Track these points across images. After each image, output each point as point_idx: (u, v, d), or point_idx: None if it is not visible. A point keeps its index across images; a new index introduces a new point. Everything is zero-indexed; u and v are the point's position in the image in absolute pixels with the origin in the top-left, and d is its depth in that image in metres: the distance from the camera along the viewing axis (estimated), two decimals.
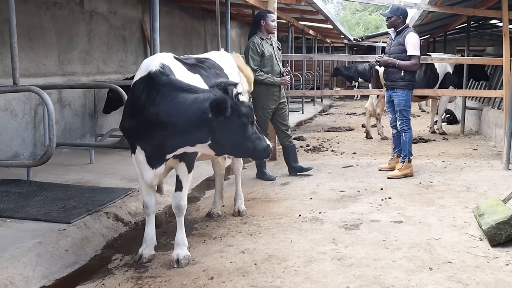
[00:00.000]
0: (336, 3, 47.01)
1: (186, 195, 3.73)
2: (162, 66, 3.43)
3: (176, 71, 3.56)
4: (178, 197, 3.68)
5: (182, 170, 3.64)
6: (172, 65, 3.57)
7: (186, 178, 3.68)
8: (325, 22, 14.68)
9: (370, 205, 4.97)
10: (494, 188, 5.43)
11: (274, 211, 4.86)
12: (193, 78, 3.78)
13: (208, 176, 6.51)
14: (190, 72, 3.83)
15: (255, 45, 6.02)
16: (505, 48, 7.19)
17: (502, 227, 3.77)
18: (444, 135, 9.64)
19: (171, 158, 3.52)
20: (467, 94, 9.46)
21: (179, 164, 3.61)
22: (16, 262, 3.47)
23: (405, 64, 6.13)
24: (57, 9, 7.70)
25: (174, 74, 3.46)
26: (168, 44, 10.27)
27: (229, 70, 4.41)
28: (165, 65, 3.47)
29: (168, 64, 3.52)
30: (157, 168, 3.47)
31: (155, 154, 3.44)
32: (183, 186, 3.67)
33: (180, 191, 3.67)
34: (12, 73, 4.11)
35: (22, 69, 5.99)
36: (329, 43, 23.24)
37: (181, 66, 3.77)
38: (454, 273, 3.34)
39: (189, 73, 3.80)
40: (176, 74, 3.51)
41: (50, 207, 4.64)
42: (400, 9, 6.23)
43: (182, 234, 3.72)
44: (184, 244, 3.70)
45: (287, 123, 6.49)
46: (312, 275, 3.36)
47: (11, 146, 6.75)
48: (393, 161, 6.53)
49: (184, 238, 3.72)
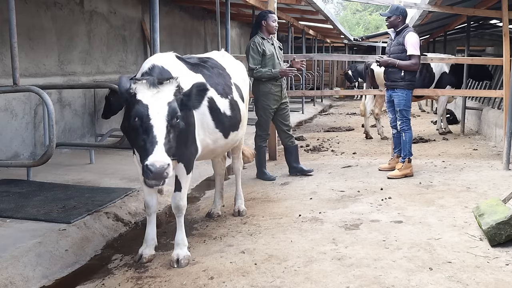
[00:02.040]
0: (336, 3, 46.99)
1: (186, 195, 3.72)
2: (151, 67, 3.46)
3: (176, 70, 3.56)
4: (177, 197, 3.67)
5: (181, 171, 3.63)
6: (170, 65, 3.58)
7: (185, 178, 3.67)
8: (325, 22, 14.69)
9: (370, 205, 4.96)
10: (494, 188, 5.43)
11: (274, 211, 4.86)
12: (195, 78, 3.79)
13: (208, 176, 6.51)
14: (192, 71, 3.83)
15: (255, 45, 6.03)
16: (505, 48, 7.19)
17: (502, 227, 3.77)
18: (445, 134, 9.65)
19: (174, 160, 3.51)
20: (467, 94, 9.47)
21: (177, 165, 3.60)
22: (16, 262, 3.46)
23: (405, 64, 6.13)
24: (57, 9, 7.70)
25: (171, 74, 3.45)
26: (168, 44, 10.26)
27: (231, 70, 4.42)
28: (156, 65, 3.48)
29: (162, 64, 3.52)
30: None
31: None
32: (182, 186, 3.66)
33: (179, 191, 3.66)
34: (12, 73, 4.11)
35: (22, 69, 5.99)
36: (329, 43, 23.23)
37: (182, 65, 3.78)
38: (454, 273, 3.34)
39: (191, 73, 3.80)
40: (176, 74, 3.50)
41: (50, 207, 4.64)
42: (400, 8, 6.24)
43: (182, 234, 3.72)
44: (184, 244, 3.70)
45: (289, 123, 6.48)
46: (312, 275, 3.36)
47: (11, 146, 6.75)
48: (393, 161, 6.53)
49: (184, 238, 3.72)
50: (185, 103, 3.21)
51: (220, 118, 3.94)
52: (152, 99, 3.05)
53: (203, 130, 3.79)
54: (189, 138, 3.60)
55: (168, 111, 3.04)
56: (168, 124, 3.02)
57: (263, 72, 6.03)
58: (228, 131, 4.07)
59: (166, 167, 2.88)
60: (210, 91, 3.80)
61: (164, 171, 2.88)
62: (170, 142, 3.03)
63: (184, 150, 3.56)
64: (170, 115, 3.04)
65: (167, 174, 2.90)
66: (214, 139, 3.94)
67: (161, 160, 2.88)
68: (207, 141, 3.87)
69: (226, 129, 4.03)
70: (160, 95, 3.07)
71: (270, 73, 6.05)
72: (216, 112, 3.89)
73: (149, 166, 2.87)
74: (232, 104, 4.11)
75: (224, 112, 3.99)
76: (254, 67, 6.01)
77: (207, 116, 3.81)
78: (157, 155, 2.90)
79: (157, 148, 2.93)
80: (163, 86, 3.11)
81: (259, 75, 6.04)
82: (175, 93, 3.14)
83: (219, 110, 3.93)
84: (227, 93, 4.09)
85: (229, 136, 4.12)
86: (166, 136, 2.99)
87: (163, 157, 2.90)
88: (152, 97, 3.06)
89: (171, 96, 3.10)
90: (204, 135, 3.81)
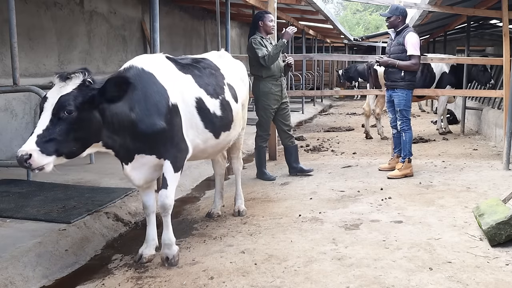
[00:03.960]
0: (336, 3, 47.00)
1: (173, 193, 3.64)
2: (127, 68, 3.54)
3: (161, 71, 3.62)
4: (163, 195, 3.60)
5: (167, 168, 3.60)
6: (154, 66, 3.62)
7: (172, 176, 3.60)
8: (325, 22, 14.69)
9: (370, 205, 4.96)
10: (494, 188, 5.43)
11: (274, 211, 4.86)
12: (183, 78, 3.83)
13: (208, 176, 6.51)
14: (181, 72, 3.87)
15: (257, 39, 6.02)
16: (505, 48, 7.19)
17: (502, 227, 3.77)
18: (445, 134, 9.65)
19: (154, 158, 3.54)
20: (467, 94, 9.47)
21: (163, 162, 3.59)
22: (16, 262, 3.46)
23: (405, 64, 6.13)
24: (57, 9, 7.70)
25: (154, 75, 3.54)
26: (168, 44, 10.28)
27: (227, 70, 4.41)
28: (134, 66, 3.53)
29: (143, 66, 3.55)
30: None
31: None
32: (168, 184, 3.60)
33: (165, 189, 3.60)
34: (12, 73, 4.13)
35: (22, 69, 5.99)
36: (329, 43, 23.23)
37: (171, 66, 3.82)
38: (454, 273, 3.34)
39: (179, 73, 3.84)
40: (161, 74, 3.59)
41: (50, 207, 4.64)
42: (399, 8, 6.24)
43: (169, 234, 3.68)
44: (171, 243, 3.67)
45: (289, 123, 6.48)
46: (312, 275, 3.36)
47: (11, 146, 6.75)
48: (393, 161, 6.54)
49: (170, 237, 3.67)
50: (101, 97, 3.17)
51: (210, 119, 3.94)
52: (52, 93, 3.10)
53: (192, 130, 3.79)
54: (174, 136, 3.60)
55: (56, 103, 3.04)
56: (53, 117, 3.03)
57: (271, 52, 5.95)
58: (219, 132, 4.07)
59: (26, 157, 2.91)
60: (199, 91, 3.89)
61: (24, 160, 2.91)
62: (54, 135, 3.01)
63: (169, 148, 3.57)
64: (57, 108, 3.03)
65: (29, 164, 2.93)
66: (204, 139, 3.94)
67: (23, 149, 2.93)
68: (197, 141, 3.87)
69: (216, 129, 4.03)
70: (62, 89, 3.09)
71: (275, 47, 5.99)
72: (205, 112, 3.89)
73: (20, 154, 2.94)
74: (223, 105, 4.10)
75: (214, 112, 3.98)
76: (264, 54, 5.95)
77: (195, 117, 3.82)
78: (25, 144, 2.96)
79: (30, 138, 2.98)
80: (70, 80, 3.12)
81: (272, 57, 5.95)
82: (79, 87, 3.11)
83: (208, 111, 3.93)
84: (218, 94, 4.09)
85: (220, 136, 4.11)
86: (47, 128, 3.01)
87: (27, 146, 2.94)
88: (54, 91, 3.11)
89: (69, 90, 3.09)
90: (193, 136, 3.81)
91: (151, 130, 3.44)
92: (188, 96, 3.79)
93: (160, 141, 3.51)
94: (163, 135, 3.50)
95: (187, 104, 3.76)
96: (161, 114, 3.48)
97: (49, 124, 3.02)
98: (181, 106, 3.69)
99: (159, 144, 3.51)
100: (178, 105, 3.65)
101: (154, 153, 3.54)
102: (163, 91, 3.55)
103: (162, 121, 3.48)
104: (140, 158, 3.53)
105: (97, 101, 3.16)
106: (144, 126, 3.41)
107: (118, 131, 3.33)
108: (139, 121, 3.40)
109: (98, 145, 3.32)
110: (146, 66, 3.58)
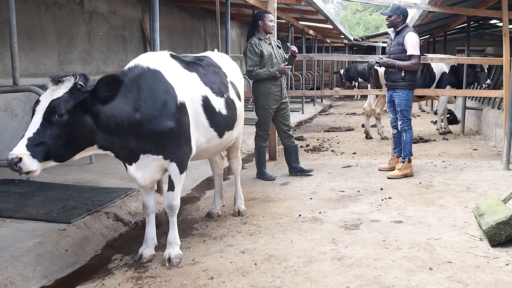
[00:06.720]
0: (336, 3, 47.01)
1: (179, 194, 3.70)
2: (132, 67, 3.48)
3: (167, 70, 3.57)
4: (170, 196, 3.66)
5: (174, 170, 3.61)
6: (160, 64, 3.57)
7: (178, 178, 3.63)
8: (325, 22, 14.69)
9: (370, 205, 4.97)
10: (494, 188, 5.43)
11: (274, 211, 4.86)
12: (189, 76, 3.79)
13: (208, 176, 6.50)
14: (187, 70, 3.83)
15: (252, 46, 6.02)
16: (505, 48, 7.19)
17: (502, 227, 3.77)
18: (445, 134, 9.66)
19: (160, 158, 3.53)
20: (467, 94, 9.47)
21: (169, 164, 3.59)
22: (16, 262, 3.46)
23: (405, 64, 6.13)
24: (57, 9, 7.70)
25: (161, 73, 3.50)
26: (168, 44, 10.26)
27: (227, 68, 4.41)
28: (139, 65, 3.48)
29: (148, 65, 3.50)
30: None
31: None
32: (175, 186, 3.64)
33: (172, 191, 3.65)
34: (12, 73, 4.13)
35: (22, 69, 6.00)
36: (329, 43, 23.24)
37: (176, 64, 3.78)
38: (454, 273, 3.34)
39: (185, 71, 3.80)
40: (168, 72, 3.55)
41: (50, 207, 4.64)
42: (401, 8, 6.25)
43: (175, 233, 3.71)
44: (176, 243, 3.70)
45: (289, 123, 6.48)
46: (312, 275, 3.36)
47: (11, 146, 6.64)
48: (393, 161, 6.54)
49: (176, 238, 3.71)
50: (93, 99, 3.14)
51: (215, 117, 3.91)
52: (44, 96, 3.08)
53: (197, 129, 3.77)
54: (182, 137, 3.58)
55: (47, 107, 3.02)
56: (44, 121, 3.01)
57: (260, 72, 6.02)
58: (223, 131, 4.05)
59: (16, 160, 2.90)
60: (204, 90, 3.85)
61: (14, 164, 2.91)
62: (44, 138, 3.00)
63: (176, 150, 3.55)
64: (48, 111, 3.01)
65: (19, 168, 2.92)
66: (208, 138, 3.92)
67: (13, 152, 2.93)
68: (201, 140, 3.85)
69: (221, 128, 4.01)
70: (54, 92, 3.08)
71: (268, 72, 6.03)
72: (210, 111, 3.87)
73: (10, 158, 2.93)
74: (227, 103, 4.08)
75: (219, 111, 3.97)
76: (252, 69, 6.00)
77: (201, 115, 3.79)
78: (15, 147, 2.96)
79: (20, 141, 2.98)
80: (61, 84, 3.10)
81: (257, 77, 6.04)
82: (70, 90, 3.09)
83: (214, 109, 3.90)
84: (223, 92, 4.07)
85: (224, 135, 4.10)
86: (38, 131, 3.00)
87: (17, 149, 2.94)
88: (47, 94, 3.09)
89: (60, 94, 3.06)
90: (198, 134, 3.79)
91: (160, 129, 3.41)
92: (195, 94, 3.76)
93: (168, 141, 3.48)
94: (172, 135, 3.47)
95: (194, 102, 3.73)
96: (169, 113, 3.45)
97: (40, 128, 3.00)
98: (189, 104, 3.66)
99: (166, 144, 3.48)
100: (186, 103, 3.62)
101: (161, 153, 3.52)
102: (171, 90, 3.51)
103: (171, 120, 3.44)
104: (146, 158, 3.51)
105: (89, 104, 3.12)
106: (152, 126, 3.38)
107: (116, 133, 3.30)
108: (146, 121, 3.37)
109: (93, 148, 3.29)
110: (152, 64, 3.53)
